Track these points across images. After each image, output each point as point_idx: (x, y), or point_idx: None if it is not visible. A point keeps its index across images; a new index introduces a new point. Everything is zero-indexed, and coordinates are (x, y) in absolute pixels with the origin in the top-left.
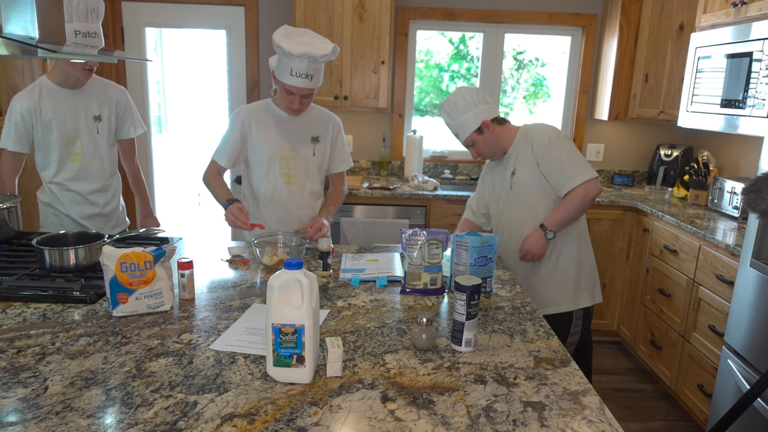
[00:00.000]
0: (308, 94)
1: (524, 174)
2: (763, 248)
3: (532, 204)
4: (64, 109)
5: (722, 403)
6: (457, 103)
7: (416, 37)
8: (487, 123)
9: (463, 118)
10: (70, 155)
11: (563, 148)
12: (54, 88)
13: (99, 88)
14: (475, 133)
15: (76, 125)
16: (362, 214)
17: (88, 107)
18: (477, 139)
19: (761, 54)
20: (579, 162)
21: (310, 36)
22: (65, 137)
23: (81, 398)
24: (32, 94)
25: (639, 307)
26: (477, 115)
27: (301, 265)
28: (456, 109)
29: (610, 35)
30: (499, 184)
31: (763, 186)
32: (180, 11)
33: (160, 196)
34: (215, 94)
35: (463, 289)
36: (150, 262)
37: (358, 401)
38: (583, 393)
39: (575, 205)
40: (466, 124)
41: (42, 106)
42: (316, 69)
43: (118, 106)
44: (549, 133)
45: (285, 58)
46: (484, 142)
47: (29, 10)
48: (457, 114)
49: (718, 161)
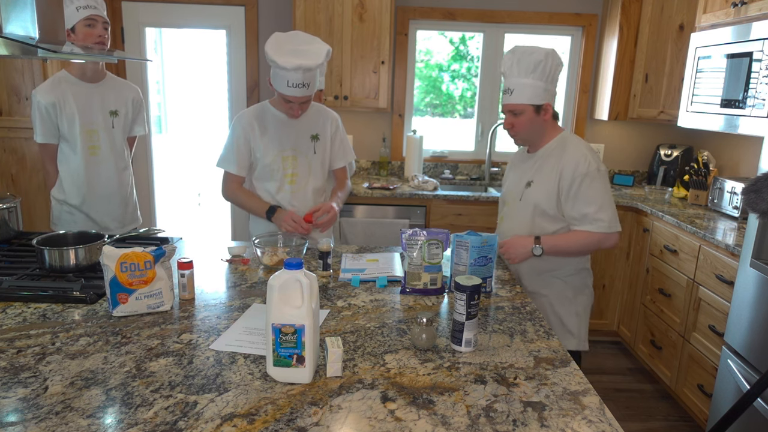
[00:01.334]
0: (307, 100)
1: (538, 191)
2: (763, 248)
3: (536, 227)
4: (85, 100)
5: (722, 403)
6: (543, 66)
7: (416, 37)
8: (548, 108)
9: (534, 83)
10: (90, 147)
11: (601, 187)
12: (74, 80)
13: (116, 85)
14: (532, 107)
15: (95, 118)
16: (362, 214)
17: (106, 101)
18: (529, 114)
19: (761, 54)
20: (611, 208)
21: (301, 42)
22: (86, 128)
23: (81, 398)
24: (54, 87)
25: (639, 307)
26: (548, 92)
27: (301, 265)
28: (537, 69)
29: (610, 35)
30: (513, 187)
31: (763, 186)
32: (180, 11)
33: (160, 196)
34: (215, 94)
35: (463, 289)
36: (150, 262)
37: (358, 401)
38: (583, 393)
39: (583, 246)
40: (533, 91)
41: (65, 99)
42: (311, 77)
43: (134, 103)
44: (590, 162)
45: (279, 70)
46: (530, 123)
47: (29, 10)
48: (533, 75)
49: (718, 161)
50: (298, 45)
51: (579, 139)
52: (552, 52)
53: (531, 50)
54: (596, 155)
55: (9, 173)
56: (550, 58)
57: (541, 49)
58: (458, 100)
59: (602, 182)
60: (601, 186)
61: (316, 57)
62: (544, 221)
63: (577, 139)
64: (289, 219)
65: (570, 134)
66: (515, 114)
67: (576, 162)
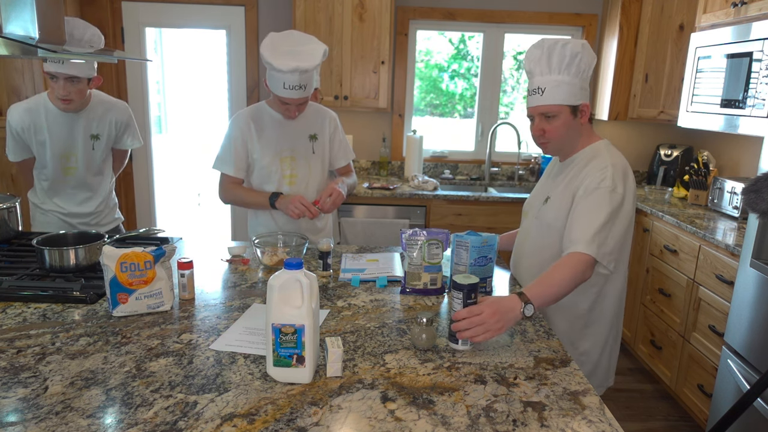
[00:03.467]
0: (304, 101)
1: (552, 210)
2: (763, 248)
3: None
4: (61, 130)
5: (722, 403)
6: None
7: (416, 37)
8: (586, 109)
9: (570, 80)
10: (64, 169)
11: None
12: (54, 110)
13: (100, 111)
14: (568, 107)
15: (73, 144)
16: (362, 214)
17: (87, 128)
18: (564, 117)
19: (761, 54)
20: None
21: (296, 42)
22: (59, 154)
23: (81, 398)
24: (29, 111)
25: (639, 307)
26: (584, 90)
27: (301, 265)
28: (573, 63)
29: (610, 35)
30: (534, 201)
31: (763, 186)
32: (180, 11)
33: (160, 196)
34: (215, 94)
35: (460, 288)
36: (150, 262)
37: (358, 401)
38: (583, 393)
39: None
40: (569, 90)
41: (37, 126)
42: (308, 78)
43: (118, 125)
44: (607, 178)
45: (275, 72)
46: (566, 127)
47: (29, 10)
48: (569, 70)
49: (718, 161)
50: (293, 46)
51: (613, 153)
52: (586, 44)
53: (564, 42)
54: (624, 176)
55: (9, 173)
56: (586, 51)
57: (574, 40)
58: (458, 100)
59: (610, 204)
60: (608, 207)
61: (312, 58)
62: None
63: (611, 152)
64: (297, 201)
65: (606, 145)
66: (548, 117)
67: (593, 176)
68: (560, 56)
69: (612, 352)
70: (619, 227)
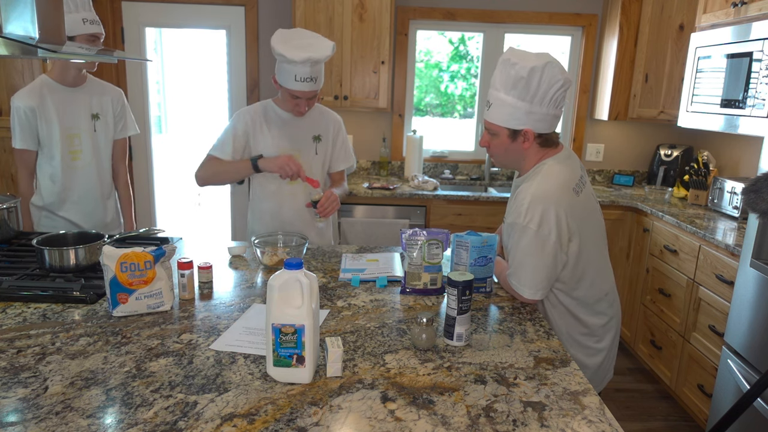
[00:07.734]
0: (313, 95)
1: (505, 230)
2: (763, 248)
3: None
4: (65, 104)
5: (722, 403)
6: (526, 84)
7: (416, 37)
8: (528, 134)
9: (513, 102)
10: (71, 152)
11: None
12: (54, 84)
13: (97, 88)
14: (507, 130)
15: (77, 122)
16: (362, 214)
17: (87, 105)
18: (503, 138)
19: (761, 54)
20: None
21: (306, 37)
22: (66, 133)
23: (81, 398)
24: (33, 92)
25: (639, 307)
26: (531, 115)
27: (301, 265)
28: (517, 86)
29: (610, 35)
30: None
31: (763, 186)
32: (180, 11)
33: (160, 196)
34: (215, 94)
35: (455, 285)
36: (150, 262)
37: (358, 401)
38: (583, 393)
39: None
40: (510, 112)
41: (44, 103)
42: (318, 70)
43: (114, 105)
44: (521, 213)
45: (287, 64)
46: (503, 148)
47: (29, 10)
48: (514, 92)
49: (718, 161)
50: (303, 39)
51: (544, 178)
52: (545, 66)
53: (518, 59)
54: (542, 205)
55: (9, 173)
56: (537, 75)
57: (532, 60)
58: (458, 100)
59: (522, 238)
60: (521, 242)
61: (323, 50)
62: None
63: (545, 175)
64: (286, 158)
65: (546, 167)
66: (490, 134)
67: (511, 209)
68: (506, 76)
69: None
70: (534, 260)
